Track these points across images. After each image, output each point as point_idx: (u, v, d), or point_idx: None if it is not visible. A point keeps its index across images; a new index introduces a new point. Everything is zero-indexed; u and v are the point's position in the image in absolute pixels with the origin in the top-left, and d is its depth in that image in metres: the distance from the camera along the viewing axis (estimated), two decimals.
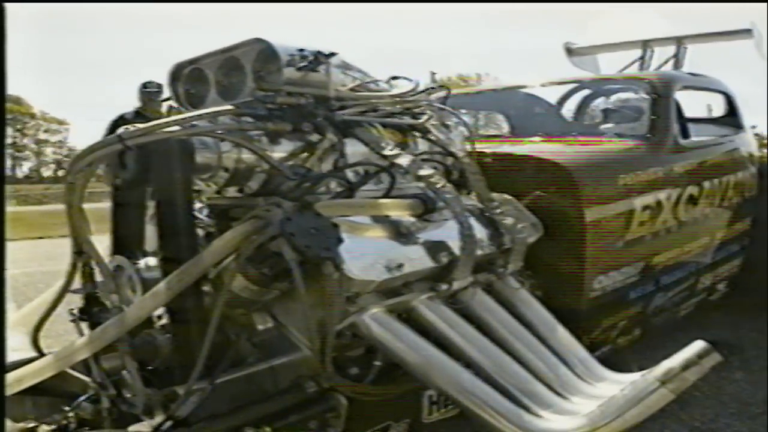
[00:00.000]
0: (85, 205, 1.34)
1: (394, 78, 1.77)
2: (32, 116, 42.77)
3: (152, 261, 1.34)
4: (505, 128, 3.06)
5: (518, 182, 1.86)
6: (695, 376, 1.26)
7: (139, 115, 4.72)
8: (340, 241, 1.14)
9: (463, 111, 2.20)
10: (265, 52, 1.37)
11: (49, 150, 46.19)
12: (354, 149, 1.49)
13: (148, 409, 1.26)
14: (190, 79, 1.59)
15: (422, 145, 1.71)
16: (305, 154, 1.38)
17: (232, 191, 1.43)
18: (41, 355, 1.46)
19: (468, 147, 1.82)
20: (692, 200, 2.45)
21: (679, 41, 3.78)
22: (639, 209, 2.14)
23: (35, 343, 1.49)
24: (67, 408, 1.39)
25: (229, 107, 1.26)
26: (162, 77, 1.66)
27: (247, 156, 1.32)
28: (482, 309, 1.47)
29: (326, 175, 1.35)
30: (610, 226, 2.01)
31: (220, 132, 1.24)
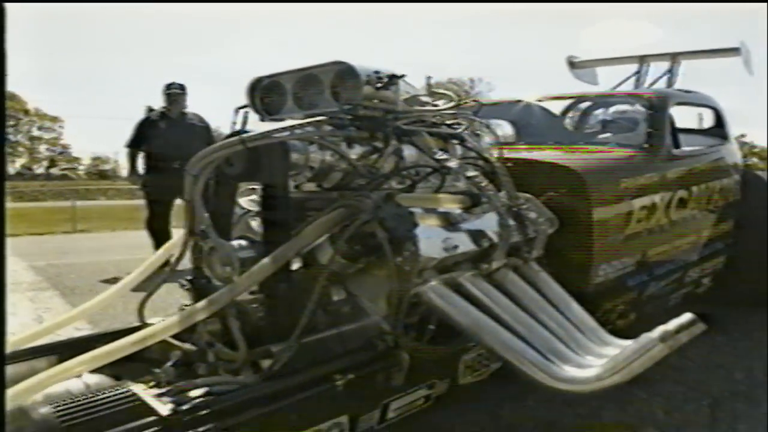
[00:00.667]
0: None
1: (434, 92, 2.10)
2: (26, 112, 42.76)
3: (243, 242, 1.65)
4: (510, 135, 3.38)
5: (536, 184, 2.18)
6: (686, 339, 1.58)
7: (164, 116, 5.04)
8: (415, 225, 1.46)
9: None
10: (344, 72, 1.68)
11: (42, 147, 46.16)
12: (407, 153, 1.81)
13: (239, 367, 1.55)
14: (267, 90, 1.90)
15: (459, 150, 2.03)
16: (373, 157, 1.71)
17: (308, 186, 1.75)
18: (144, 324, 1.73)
19: (496, 153, 2.15)
20: (682, 203, 2.79)
21: (673, 57, 4.16)
22: (637, 209, 2.47)
23: (141, 313, 1.77)
24: (158, 370, 1.54)
25: (322, 117, 1.58)
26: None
27: (328, 157, 1.64)
28: (513, 286, 1.80)
29: (398, 174, 1.67)
30: (612, 222, 2.34)
31: (317, 137, 1.56)
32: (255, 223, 1.77)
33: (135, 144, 5.07)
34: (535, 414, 2.15)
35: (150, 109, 5.17)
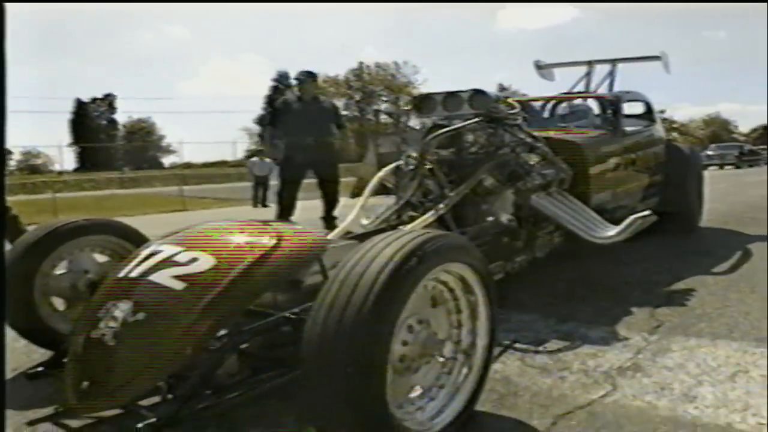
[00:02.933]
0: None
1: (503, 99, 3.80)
2: None
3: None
4: None
5: (556, 151, 3.91)
6: (647, 222, 3.39)
7: (299, 99, 5.94)
8: (530, 167, 3.19)
9: None
10: (477, 92, 3.33)
11: None
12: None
13: None
14: (423, 100, 3.54)
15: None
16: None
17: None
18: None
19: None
20: (633, 163, 4.63)
21: (613, 63, 6.02)
22: (610, 167, 4.28)
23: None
24: None
25: (478, 118, 3.25)
26: None
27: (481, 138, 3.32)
28: (558, 199, 3.55)
29: (520, 144, 3.38)
30: (598, 174, 4.12)
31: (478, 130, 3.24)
32: None
33: (272, 123, 6.06)
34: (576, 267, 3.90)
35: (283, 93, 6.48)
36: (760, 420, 1.81)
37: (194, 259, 1.85)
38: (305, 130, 5.62)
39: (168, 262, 1.87)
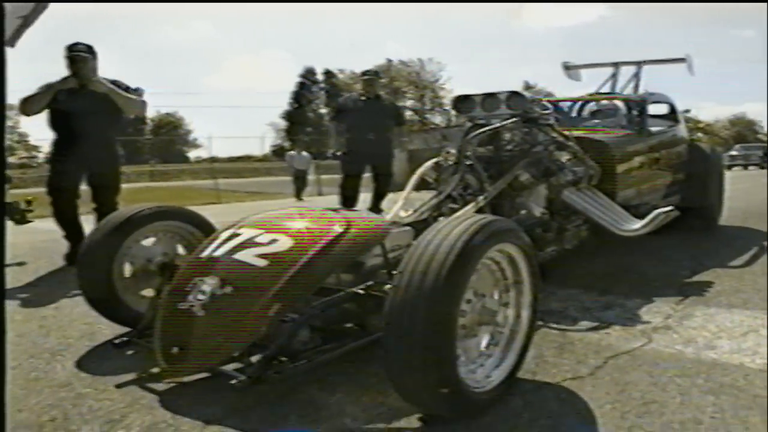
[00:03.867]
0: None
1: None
2: None
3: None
4: None
5: (586, 150, 4.11)
6: (670, 217, 3.59)
7: (362, 97, 6.17)
8: (563, 164, 3.40)
9: None
10: (514, 94, 3.54)
11: None
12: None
13: None
14: (462, 101, 3.75)
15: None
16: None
17: None
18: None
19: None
20: (656, 161, 4.82)
21: (639, 64, 6.18)
22: (636, 165, 4.47)
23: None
24: None
25: (518, 117, 3.46)
26: None
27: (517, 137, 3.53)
28: (588, 194, 3.75)
29: (553, 144, 3.59)
30: (624, 171, 4.31)
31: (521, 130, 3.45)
32: None
33: (336, 118, 6.43)
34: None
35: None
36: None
37: (274, 240, 2.09)
38: (367, 127, 5.90)
39: (250, 243, 2.12)
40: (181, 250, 2.86)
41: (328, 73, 53.32)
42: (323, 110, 52.17)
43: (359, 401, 2.00)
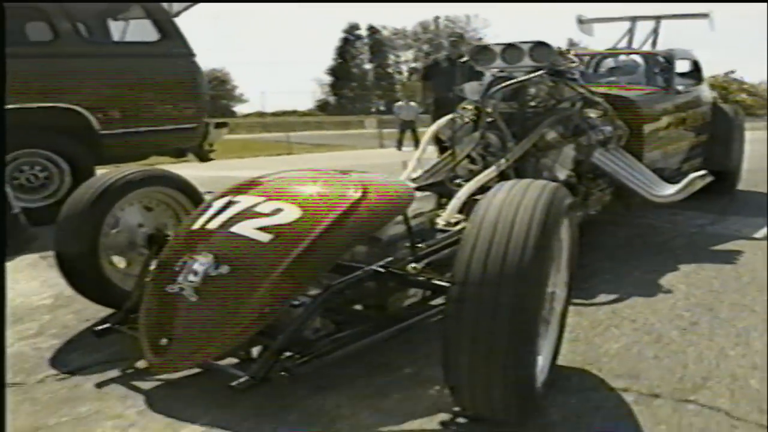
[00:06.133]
0: None
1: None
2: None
3: None
4: None
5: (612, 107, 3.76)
6: (705, 181, 3.27)
7: (448, 59, 6.91)
8: (594, 123, 3.05)
9: None
10: (539, 44, 3.16)
11: None
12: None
13: None
14: (480, 51, 3.36)
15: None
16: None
17: None
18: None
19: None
20: (683, 121, 4.47)
21: (657, 19, 5.78)
22: (663, 125, 4.13)
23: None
24: None
25: (543, 71, 3.09)
26: None
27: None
28: (616, 155, 3.41)
29: (582, 100, 3.23)
30: (652, 132, 3.97)
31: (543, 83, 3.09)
32: None
33: (426, 78, 7.16)
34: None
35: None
36: None
37: (278, 210, 1.75)
38: (450, 87, 5.98)
39: (250, 213, 1.77)
40: (171, 220, 2.52)
41: (372, 29, 53.73)
42: (367, 65, 53.62)
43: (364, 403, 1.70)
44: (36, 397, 1.78)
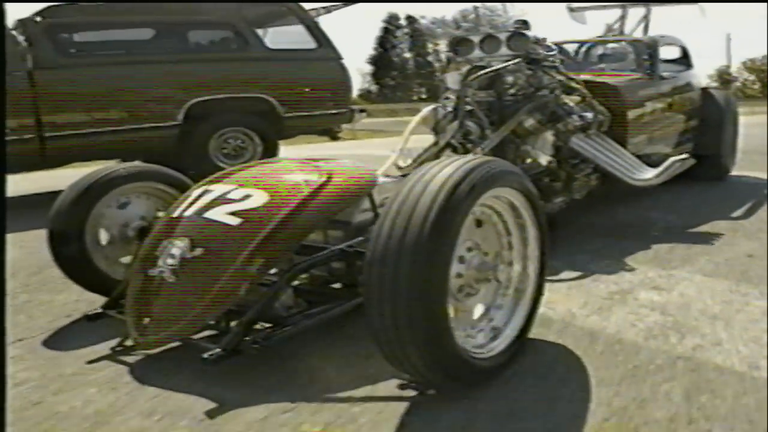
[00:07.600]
0: None
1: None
2: None
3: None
4: None
5: (594, 94, 3.83)
6: (686, 165, 3.34)
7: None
8: (571, 109, 3.14)
9: None
10: (516, 34, 3.26)
11: None
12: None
13: None
14: (460, 42, 3.46)
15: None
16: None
17: None
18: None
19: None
20: (669, 107, 4.54)
21: (647, 4, 5.84)
22: (647, 110, 4.20)
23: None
24: None
25: (520, 59, 3.18)
26: None
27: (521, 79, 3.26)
28: (597, 141, 3.50)
29: (558, 86, 3.32)
30: (636, 117, 4.04)
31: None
32: None
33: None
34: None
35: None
36: None
37: (247, 196, 1.87)
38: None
39: (222, 200, 1.90)
40: (160, 213, 2.64)
41: (410, 19, 54.45)
42: (407, 54, 54.52)
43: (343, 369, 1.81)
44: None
